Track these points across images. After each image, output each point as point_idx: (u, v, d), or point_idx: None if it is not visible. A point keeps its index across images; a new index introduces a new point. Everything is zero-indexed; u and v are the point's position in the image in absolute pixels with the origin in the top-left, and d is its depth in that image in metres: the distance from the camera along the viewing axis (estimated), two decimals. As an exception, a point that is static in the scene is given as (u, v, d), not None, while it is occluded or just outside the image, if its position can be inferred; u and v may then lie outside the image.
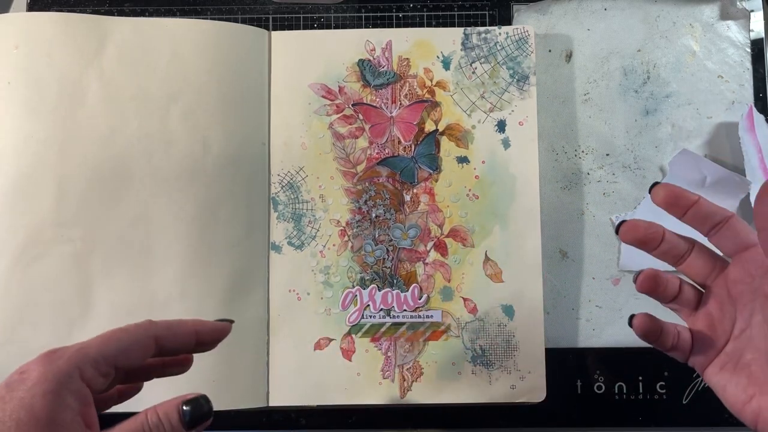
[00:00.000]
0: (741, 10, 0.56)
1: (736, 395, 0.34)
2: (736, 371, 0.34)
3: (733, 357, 0.35)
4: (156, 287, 0.50)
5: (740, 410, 0.34)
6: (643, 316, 0.36)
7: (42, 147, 0.50)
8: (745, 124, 0.53)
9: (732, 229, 0.35)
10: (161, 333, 0.34)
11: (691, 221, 0.36)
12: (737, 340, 0.35)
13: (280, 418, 0.52)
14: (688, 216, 0.35)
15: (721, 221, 0.35)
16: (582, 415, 0.52)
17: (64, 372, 0.31)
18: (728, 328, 0.35)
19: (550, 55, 0.56)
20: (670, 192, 0.35)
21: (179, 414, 0.33)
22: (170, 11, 0.57)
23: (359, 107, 0.54)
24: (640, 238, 0.36)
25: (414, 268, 0.52)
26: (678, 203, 0.35)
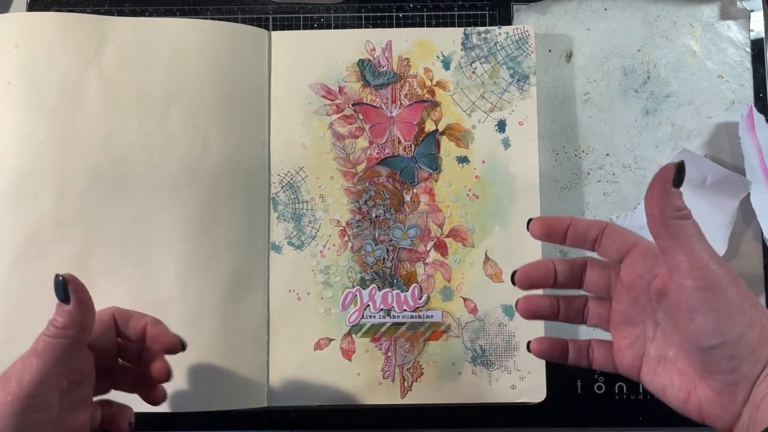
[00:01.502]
0: (741, 10, 0.56)
1: (676, 396, 0.34)
2: (667, 372, 0.35)
3: (659, 358, 0.35)
4: (156, 287, 0.50)
5: (684, 409, 0.34)
6: (538, 341, 0.38)
7: (42, 147, 0.50)
8: (745, 124, 0.53)
9: (609, 237, 0.36)
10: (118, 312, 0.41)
11: (573, 243, 0.37)
12: (655, 341, 0.35)
13: (280, 418, 0.52)
14: (568, 239, 0.37)
15: (597, 234, 0.36)
16: (582, 415, 0.52)
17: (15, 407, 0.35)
18: (641, 331, 0.36)
19: (550, 55, 0.56)
20: (543, 224, 0.37)
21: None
22: (170, 11, 0.57)
23: (359, 107, 0.54)
24: (533, 283, 0.38)
25: (414, 268, 0.52)
26: (553, 231, 0.37)
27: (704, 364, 0.32)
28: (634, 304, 0.36)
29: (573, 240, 0.37)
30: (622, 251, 0.36)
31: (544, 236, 0.37)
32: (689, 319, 0.32)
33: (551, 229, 0.37)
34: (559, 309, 0.39)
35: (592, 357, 0.38)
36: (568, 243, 0.37)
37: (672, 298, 0.33)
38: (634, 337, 0.36)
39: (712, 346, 0.31)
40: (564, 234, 0.37)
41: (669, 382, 0.35)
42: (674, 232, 0.32)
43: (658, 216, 0.32)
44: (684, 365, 0.34)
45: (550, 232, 0.37)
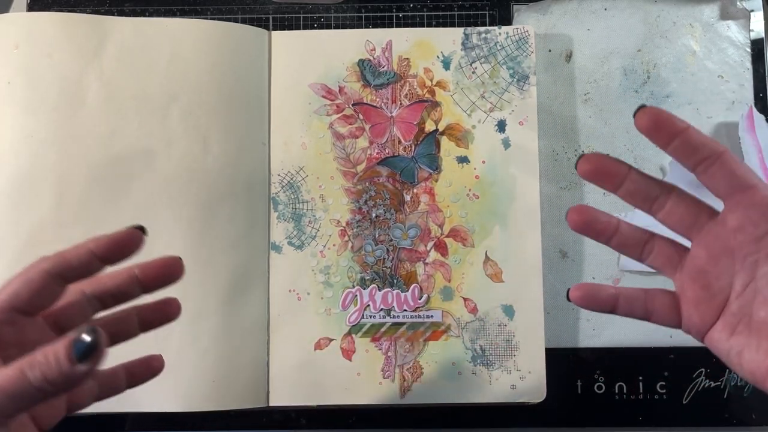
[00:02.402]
0: (741, 10, 0.56)
1: (756, 361, 0.30)
2: (751, 333, 0.30)
3: (743, 317, 0.30)
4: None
5: (763, 379, 0.30)
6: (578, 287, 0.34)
7: (42, 147, 0.50)
8: (745, 124, 0.53)
9: (726, 167, 0.31)
10: (51, 264, 0.32)
11: (678, 153, 0.31)
12: (742, 297, 0.30)
13: (280, 418, 0.52)
14: (672, 147, 0.31)
15: (710, 155, 0.31)
16: (582, 415, 0.52)
17: None
18: (726, 283, 0.31)
19: (550, 55, 0.56)
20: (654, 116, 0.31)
21: (66, 346, 0.28)
22: (170, 11, 0.57)
23: (359, 107, 0.54)
24: (599, 170, 0.32)
25: (414, 268, 0.52)
26: (661, 130, 0.31)
27: None
28: (729, 252, 0.31)
29: (680, 150, 0.31)
30: (737, 187, 0.30)
31: (650, 130, 0.31)
32: None
33: (660, 126, 0.31)
34: (618, 230, 0.33)
35: (651, 307, 0.33)
36: (671, 151, 0.31)
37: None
38: (715, 288, 0.31)
39: None
40: (672, 137, 0.31)
41: (753, 344, 0.30)
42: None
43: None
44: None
45: (659, 129, 0.31)
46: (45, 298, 0.32)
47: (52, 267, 0.32)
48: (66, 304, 0.34)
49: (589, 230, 0.33)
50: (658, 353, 0.52)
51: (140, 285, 0.34)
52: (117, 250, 0.33)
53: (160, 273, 0.34)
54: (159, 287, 0.35)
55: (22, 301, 0.32)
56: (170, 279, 0.35)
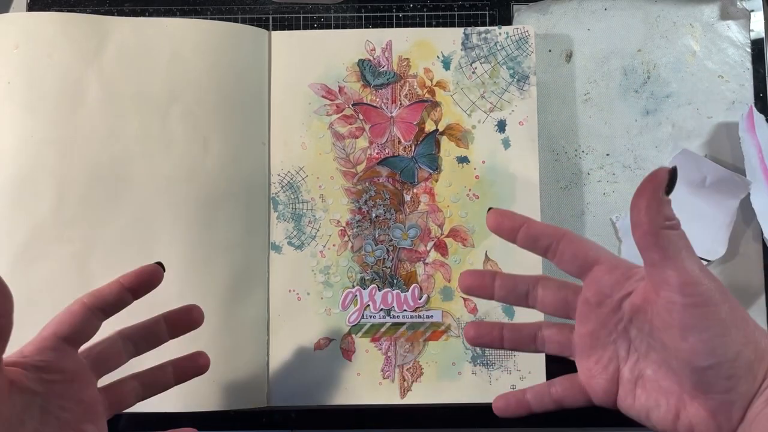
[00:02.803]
0: (741, 10, 0.56)
1: (663, 417, 0.32)
2: (649, 393, 0.32)
3: (635, 380, 0.33)
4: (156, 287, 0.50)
5: (673, 430, 0.32)
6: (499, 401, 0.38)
7: (42, 147, 0.50)
8: (745, 124, 0.53)
9: (568, 249, 0.34)
10: (89, 298, 0.37)
11: (524, 245, 0.35)
12: (628, 362, 0.33)
13: (280, 418, 0.52)
14: (519, 240, 0.35)
15: (551, 242, 0.34)
16: (582, 415, 0.52)
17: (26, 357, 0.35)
18: (613, 354, 0.34)
19: (550, 55, 0.56)
20: (496, 217, 0.36)
21: None
22: (170, 11, 0.57)
23: (359, 107, 0.54)
24: (472, 287, 0.37)
25: (414, 268, 0.52)
26: (503, 227, 0.35)
27: (698, 384, 0.30)
28: (602, 325, 0.33)
29: (524, 242, 0.35)
30: (584, 266, 0.34)
31: (494, 229, 0.36)
32: (681, 338, 0.30)
33: (501, 224, 0.36)
34: (503, 336, 0.37)
35: (557, 395, 0.36)
36: (520, 244, 0.35)
37: (658, 316, 0.31)
38: (605, 360, 0.34)
39: (707, 366, 0.29)
40: (515, 233, 0.35)
41: (653, 404, 0.32)
42: (664, 243, 0.29)
43: (646, 225, 0.30)
44: (670, 384, 0.32)
45: (500, 227, 0.36)
46: (84, 330, 0.37)
47: (90, 301, 0.37)
48: (104, 345, 0.39)
49: (480, 343, 0.38)
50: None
51: (168, 328, 0.40)
52: (142, 283, 0.38)
53: (185, 316, 0.41)
54: (183, 331, 0.41)
55: (65, 330, 0.36)
56: (194, 323, 0.41)
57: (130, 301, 0.38)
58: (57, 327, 0.36)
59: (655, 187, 0.29)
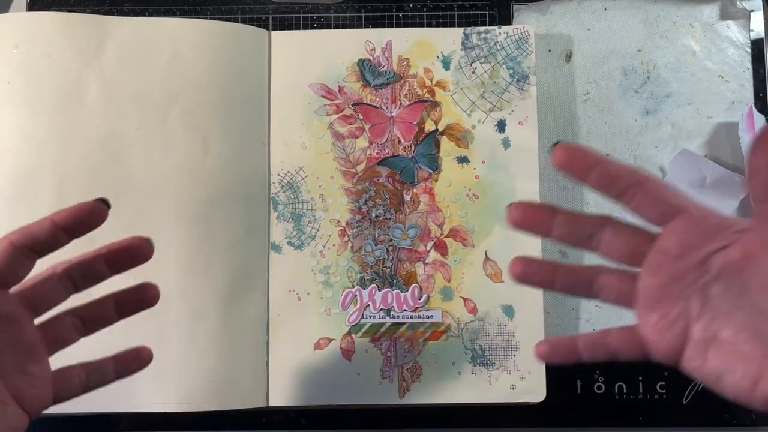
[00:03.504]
0: (741, 10, 0.56)
1: (738, 384, 0.29)
2: (725, 355, 0.29)
3: (710, 340, 0.30)
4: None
5: (748, 397, 0.29)
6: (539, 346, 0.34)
7: (42, 147, 0.50)
8: (745, 124, 0.53)
9: (650, 193, 0.30)
10: (16, 236, 0.33)
11: (599, 186, 0.31)
12: (701, 320, 0.30)
13: (280, 418, 0.52)
14: (591, 179, 0.31)
15: (631, 184, 0.30)
16: (582, 415, 0.52)
17: None
18: (682, 309, 0.30)
19: (550, 55, 0.56)
20: (567, 152, 0.31)
21: None
22: (170, 11, 0.57)
23: (359, 107, 0.54)
24: (524, 220, 0.32)
25: (414, 268, 0.52)
26: (575, 164, 0.31)
27: None
28: (677, 278, 0.30)
29: (598, 183, 0.31)
30: (667, 212, 0.30)
31: (562, 166, 0.31)
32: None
33: (573, 160, 0.31)
34: (555, 277, 0.33)
35: (613, 346, 0.32)
36: (592, 184, 0.31)
37: (759, 275, 0.28)
38: (673, 316, 0.30)
39: None
40: (587, 171, 0.31)
41: (728, 368, 0.29)
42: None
43: (765, 173, 0.26)
44: (751, 348, 0.29)
45: (570, 165, 0.31)
46: (13, 270, 0.33)
47: (17, 239, 0.33)
48: (37, 283, 0.35)
49: (528, 281, 0.33)
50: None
51: (108, 263, 0.36)
52: (79, 222, 0.35)
53: (127, 251, 0.36)
54: (127, 266, 0.36)
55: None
56: (138, 258, 0.36)
57: (65, 240, 0.34)
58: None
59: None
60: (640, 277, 0.32)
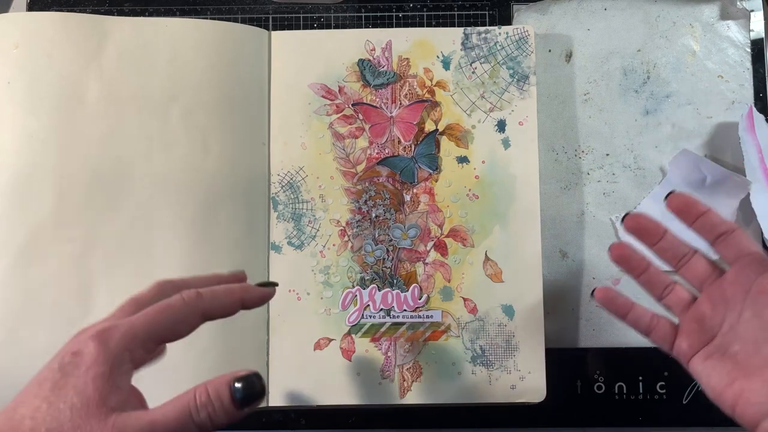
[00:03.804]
0: (741, 10, 0.56)
1: (719, 380, 0.36)
2: (722, 360, 0.36)
3: (720, 348, 0.37)
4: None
5: (720, 394, 0.36)
6: (604, 289, 0.40)
7: (42, 147, 0.50)
8: (745, 124, 0.53)
9: (736, 239, 0.38)
10: (207, 306, 0.34)
11: (699, 229, 0.39)
12: (725, 335, 0.37)
13: (280, 418, 0.52)
14: (697, 224, 0.39)
15: (726, 231, 0.38)
16: (582, 415, 0.52)
17: (116, 355, 0.30)
18: (717, 324, 0.37)
19: (550, 55, 0.56)
20: (683, 201, 0.39)
21: (230, 391, 0.32)
22: (170, 11, 0.57)
23: (359, 107, 0.54)
24: (642, 227, 0.40)
25: (414, 268, 0.52)
26: (689, 211, 0.39)
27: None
28: (725, 302, 0.37)
29: (701, 227, 0.39)
30: (740, 255, 0.38)
31: (680, 211, 0.39)
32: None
33: (689, 208, 0.39)
34: (648, 269, 0.40)
35: (653, 327, 0.40)
36: (696, 227, 0.39)
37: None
38: (707, 327, 0.38)
39: None
40: (696, 218, 0.39)
41: (719, 367, 0.36)
42: None
43: None
44: (745, 357, 0.36)
45: (687, 211, 0.39)
46: (189, 332, 0.34)
47: (208, 309, 0.34)
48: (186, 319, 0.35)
49: (625, 264, 0.40)
50: (658, 353, 0.52)
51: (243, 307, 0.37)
52: (258, 304, 0.37)
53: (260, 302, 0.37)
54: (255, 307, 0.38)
55: (176, 337, 0.33)
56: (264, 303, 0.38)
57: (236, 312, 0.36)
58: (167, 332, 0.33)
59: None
60: (701, 297, 0.39)
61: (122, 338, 0.31)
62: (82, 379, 0.29)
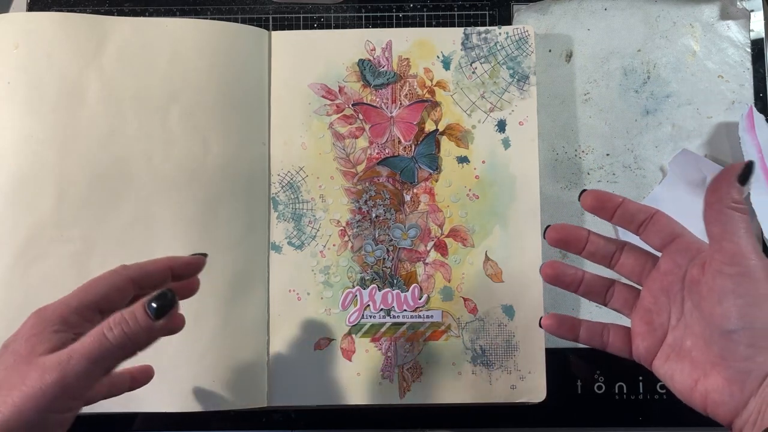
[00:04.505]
0: (741, 10, 0.56)
1: (683, 382, 0.35)
2: (679, 359, 0.35)
3: (675, 347, 0.36)
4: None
5: (689, 397, 0.35)
6: (549, 317, 0.39)
7: (42, 147, 0.50)
8: (745, 124, 0.53)
9: (657, 224, 0.37)
10: (135, 274, 0.37)
11: (620, 222, 0.38)
12: (675, 330, 0.36)
13: (280, 418, 0.52)
14: (616, 217, 0.37)
15: (646, 218, 0.37)
16: (582, 415, 0.52)
17: (48, 320, 0.34)
18: (665, 320, 0.36)
19: (550, 55, 0.56)
20: (596, 197, 0.38)
21: (143, 308, 0.34)
22: (170, 11, 0.57)
23: (359, 107, 0.54)
24: (563, 239, 0.39)
25: (414, 268, 0.52)
26: (604, 207, 0.38)
27: (721, 349, 0.33)
28: (665, 292, 0.36)
29: (621, 219, 0.37)
30: (666, 239, 0.36)
31: (595, 209, 0.38)
32: (717, 302, 0.33)
33: (603, 203, 0.38)
34: (582, 281, 0.39)
35: (607, 339, 0.39)
36: (616, 221, 0.38)
37: (706, 284, 0.33)
38: (656, 324, 0.37)
39: (733, 329, 0.32)
40: (613, 211, 0.37)
41: (679, 368, 0.35)
42: (727, 220, 0.33)
43: (715, 203, 0.33)
44: (699, 354, 0.34)
45: (602, 206, 0.38)
46: (121, 302, 0.37)
47: (136, 275, 0.37)
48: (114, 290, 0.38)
49: (558, 282, 0.39)
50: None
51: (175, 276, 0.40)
52: (188, 271, 0.40)
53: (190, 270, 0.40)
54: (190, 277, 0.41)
55: (108, 304, 0.36)
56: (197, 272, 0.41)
57: (167, 282, 0.39)
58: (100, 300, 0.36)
59: (732, 173, 0.33)
60: (642, 291, 0.38)
61: (55, 309, 0.35)
62: (18, 343, 0.34)
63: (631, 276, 0.38)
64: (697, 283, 0.34)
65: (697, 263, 0.35)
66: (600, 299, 0.40)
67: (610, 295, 0.39)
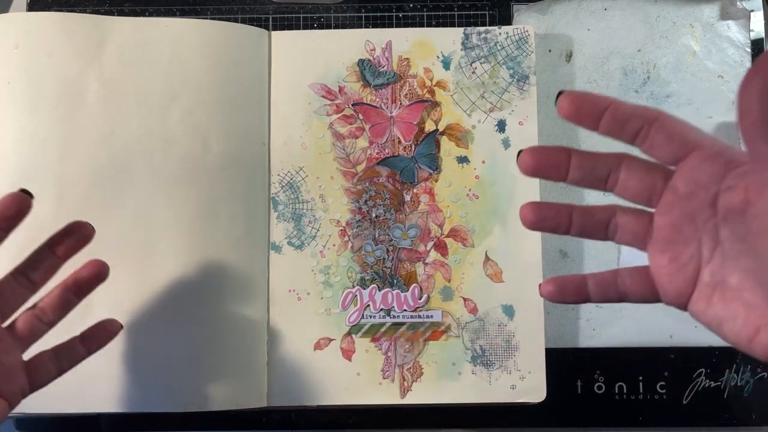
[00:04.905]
0: (741, 10, 0.56)
1: (738, 331, 0.28)
2: (727, 302, 0.28)
3: (716, 285, 0.29)
4: (156, 287, 0.50)
5: (748, 347, 0.28)
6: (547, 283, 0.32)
7: (42, 146, 0.50)
8: (745, 124, 0.53)
9: (663, 131, 0.29)
10: None
11: (610, 131, 0.30)
12: (711, 263, 0.29)
13: (280, 418, 0.52)
14: (602, 125, 0.29)
15: (643, 125, 0.29)
16: (582, 415, 0.52)
17: None
18: (695, 251, 0.29)
19: (550, 55, 0.56)
20: (574, 100, 0.29)
21: None
22: (170, 11, 0.57)
23: (359, 107, 0.54)
24: (538, 165, 0.30)
25: (414, 268, 0.52)
26: (584, 111, 0.29)
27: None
28: (689, 219, 0.29)
29: (608, 127, 0.29)
30: (680, 151, 0.29)
31: (572, 115, 0.29)
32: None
33: (582, 107, 0.29)
34: (572, 220, 0.31)
35: (624, 288, 0.32)
36: (602, 130, 0.29)
37: (758, 219, 0.26)
38: (685, 257, 0.29)
39: None
40: (598, 117, 0.29)
41: (729, 314, 0.28)
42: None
43: (757, 113, 0.24)
44: (754, 296, 0.27)
45: (580, 111, 0.29)
46: None
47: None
48: None
49: (542, 227, 0.32)
50: (658, 353, 0.52)
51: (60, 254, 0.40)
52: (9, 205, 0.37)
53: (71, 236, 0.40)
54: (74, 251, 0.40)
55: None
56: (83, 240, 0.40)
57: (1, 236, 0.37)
58: None
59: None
60: (655, 218, 0.30)
61: None
62: None
63: (638, 199, 0.31)
64: (741, 213, 0.27)
65: (736, 188, 0.27)
66: (601, 236, 0.32)
67: (613, 230, 0.32)
